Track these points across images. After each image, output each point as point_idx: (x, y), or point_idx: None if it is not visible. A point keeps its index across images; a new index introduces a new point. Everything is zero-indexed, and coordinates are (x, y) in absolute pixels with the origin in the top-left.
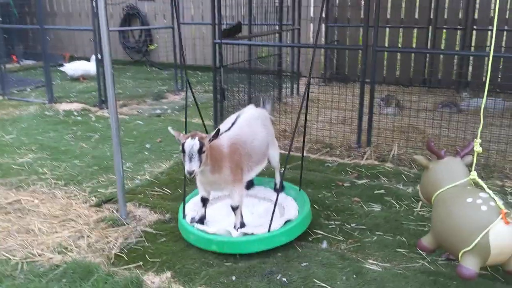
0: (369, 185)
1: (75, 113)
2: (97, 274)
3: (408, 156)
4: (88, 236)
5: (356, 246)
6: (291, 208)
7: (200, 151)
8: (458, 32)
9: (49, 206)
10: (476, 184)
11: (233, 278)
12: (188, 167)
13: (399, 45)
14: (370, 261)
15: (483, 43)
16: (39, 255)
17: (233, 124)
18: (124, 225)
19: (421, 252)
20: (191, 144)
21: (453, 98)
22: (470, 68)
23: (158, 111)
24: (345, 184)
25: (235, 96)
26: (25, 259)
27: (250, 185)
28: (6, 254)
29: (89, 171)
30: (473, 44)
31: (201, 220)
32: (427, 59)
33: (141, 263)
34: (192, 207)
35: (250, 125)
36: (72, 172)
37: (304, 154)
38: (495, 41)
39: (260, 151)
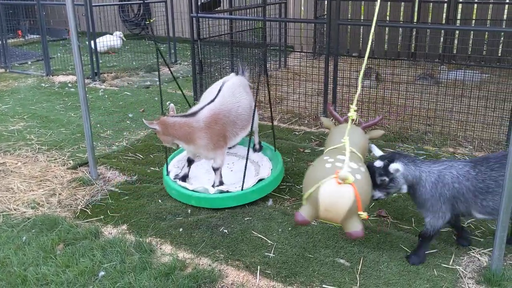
0: None
1: (69, 85)
2: (62, 226)
3: None
4: (59, 194)
5: (299, 204)
6: (265, 167)
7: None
8: (445, 5)
9: (30, 168)
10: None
11: (181, 230)
12: None
13: (387, 19)
14: None
15: (469, 16)
16: (14, 210)
17: (217, 94)
18: (93, 184)
19: None
20: None
21: (430, 70)
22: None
23: (148, 83)
24: (305, 151)
25: (217, 69)
26: (2, 213)
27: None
28: None
29: (72, 138)
30: (458, 17)
31: (184, 178)
32: (414, 33)
33: (102, 217)
34: (176, 163)
35: (233, 93)
36: (56, 139)
37: (275, 123)
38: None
39: (244, 117)
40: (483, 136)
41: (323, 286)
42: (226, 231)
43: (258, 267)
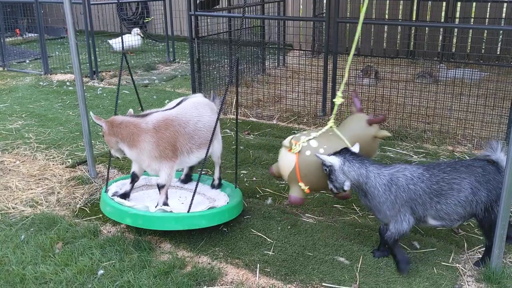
0: None
1: (68, 83)
2: (60, 224)
3: None
4: (58, 193)
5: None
6: (221, 200)
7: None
8: (444, 3)
9: (29, 167)
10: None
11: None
12: None
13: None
14: (307, 215)
15: (468, 15)
16: (13, 208)
17: (178, 104)
18: (92, 183)
19: (354, 207)
20: None
21: (429, 69)
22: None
23: (146, 81)
24: None
25: (215, 67)
26: (0, 212)
27: (188, 180)
28: None
29: (70, 136)
30: (457, 15)
31: (124, 196)
32: (413, 31)
33: (101, 215)
34: (120, 185)
35: (196, 107)
36: (55, 137)
37: (274, 122)
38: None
39: (203, 134)
40: (482, 135)
41: (323, 284)
42: (225, 229)
43: (258, 265)
